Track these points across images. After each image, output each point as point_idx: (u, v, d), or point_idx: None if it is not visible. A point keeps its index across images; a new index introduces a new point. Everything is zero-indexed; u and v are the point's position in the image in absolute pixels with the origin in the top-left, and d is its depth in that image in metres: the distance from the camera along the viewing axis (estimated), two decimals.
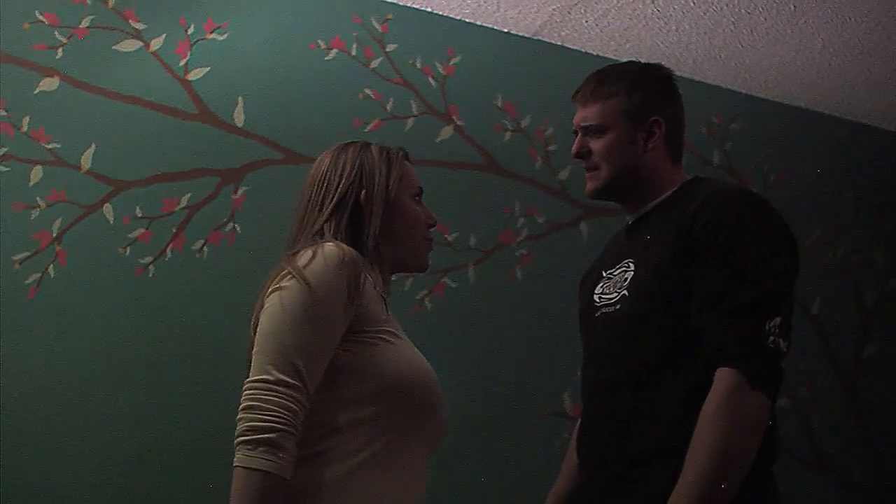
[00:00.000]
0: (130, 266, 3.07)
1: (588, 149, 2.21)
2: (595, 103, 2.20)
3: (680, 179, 2.22)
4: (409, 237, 2.01)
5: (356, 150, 2.00)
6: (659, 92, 2.23)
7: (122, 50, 3.20)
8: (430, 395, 1.87)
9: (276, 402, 1.69)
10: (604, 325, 2.17)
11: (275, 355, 1.73)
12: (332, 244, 1.83)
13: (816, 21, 3.73)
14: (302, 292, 1.76)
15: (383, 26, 3.60)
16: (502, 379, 3.53)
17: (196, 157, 3.23)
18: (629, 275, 2.13)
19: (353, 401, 1.79)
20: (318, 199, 1.96)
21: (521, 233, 3.70)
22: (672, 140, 2.22)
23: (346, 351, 1.80)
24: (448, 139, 3.63)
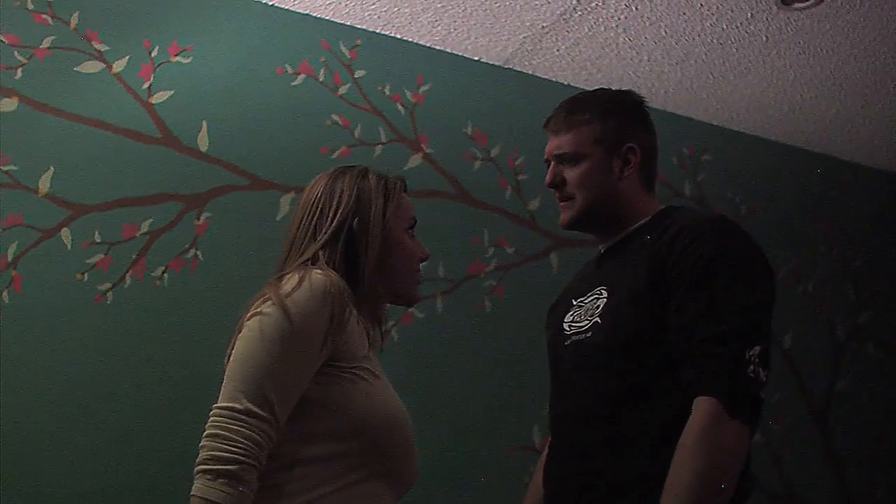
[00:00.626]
0: (88, 292, 2.97)
1: (562, 178, 2.16)
2: (568, 131, 2.16)
3: (654, 208, 2.18)
4: (401, 271, 1.95)
5: (353, 176, 1.94)
6: (633, 118, 2.20)
7: (83, 71, 3.13)
8: (400, 439, 1.81)
9: (242, 432, 1.63)
10: (574, 354, 2.11)
11: (246, 383, 1.67)
12: (321, 272, 1.77)
13: (788, 53, 3.71)
14: (282, 320, 1.70)
15: (352, 52, 3.55)
16: (470, 412, 3.45)
17: (158, 181, 3.15)
18: (602, 302, 2.08)
19: (318, 436, 1.73)
20: (309, 225, 1.90)
21: (491, 263, 3.64)
22: (646, 168, 2.19)
23: (318, 384, 1.74)
24: (417, 167, 3.57)
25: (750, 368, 1.87)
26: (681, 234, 2.00)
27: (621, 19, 3.51)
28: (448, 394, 3.43)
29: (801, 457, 4.07)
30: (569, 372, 2.13)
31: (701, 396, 1.86)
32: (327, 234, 1.87)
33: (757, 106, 4.12)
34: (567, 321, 2.17)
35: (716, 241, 1.99)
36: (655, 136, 2.23)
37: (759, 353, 1.89)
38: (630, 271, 2.05)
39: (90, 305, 2.97)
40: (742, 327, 1.90)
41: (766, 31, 3.56)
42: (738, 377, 1.87)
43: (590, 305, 2.11)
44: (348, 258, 1.86)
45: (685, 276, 1.95)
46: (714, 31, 3.58)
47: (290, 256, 1.88)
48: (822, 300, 4.35)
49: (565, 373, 2.15)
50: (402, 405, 1.84)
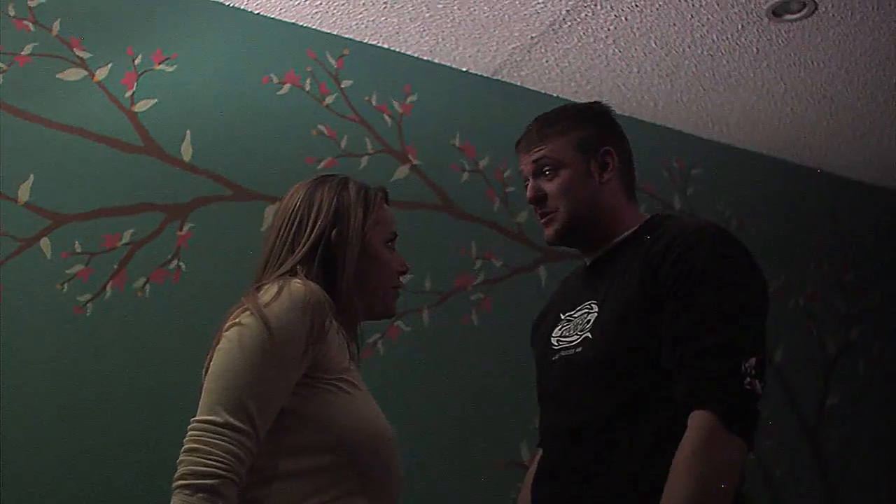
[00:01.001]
0: (68, 304, 2.91)
1: (542, 192, 2.11)
2: (544, 144, 2.12)
3: (639, 217, 2.14)
4: (379, 284, 1.91)
5: (333, 186, 1.91)
6: (605, 125, 2.17)
7: (65, 79, 3.08)
8: (383, 454, 1.77)
9: (221, 446, 1.59)
10: (563, 369, 2.06)
11: (225, 396, 1.63)
12: (300, 282, 1.73)
13: (778, 66, 3.69)
14: (261, 331, 1.66)
15: (338, 62, 3.51)
16: (457, 427, 3.40)
17: (140, 191, 3.09)
18: (592, 316, 2.03)
19: (298, 449, 1.69)
20: (288, 236, 1.86)
21: (478, 276, 3.60)
22: (625, 174, 2.15)
23: (297, 395, 1.70)
24: (404, 178, 3.53)
25: (746, 381, 1.82)
26: (672, 243, 1.96)
27: (611, 30, 3.48)
28: (435, 408, 3.37)
29: (793, 473, 4.03)
30: (557, 388, 2.08)
31: (697, 410, 1.81)
32: (305, 247, 1.83)
33: (747, 119, 4.09)
34: (555, 335, 2.12)
35: (708, 251, 1.94)
36: (628, 143, 2.20)
37: (756, 365, 1.84)
38: (621, 283, 2.01)
39: (70, 317, 2.90)
40: (738, 338, 1.85)
41: (757, 42, 3.54)
42: (734, 390, 1.81)
43: (579, 320, 2.06)
44: (326, 270, 1.83)
45: (678, 286, 1.90)
46: (704, 43, 3.55)
47: (269, 267, 1.85)
48: (812, 315, 4.32)
49: (554, 389, 2.10)
50: (382, 417, 1.80)
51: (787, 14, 3.36)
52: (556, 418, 2.08)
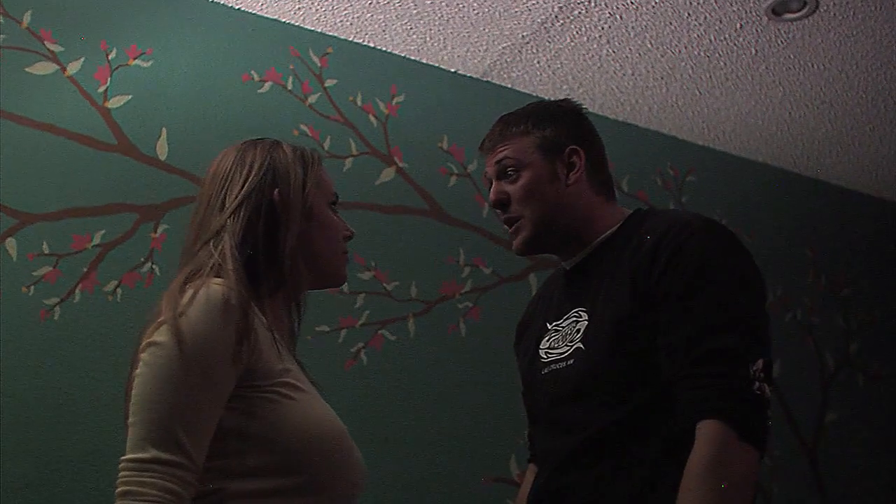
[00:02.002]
0: (34, 307, 2.76)
1: (506, 195, 1.97)
2: (505, 145, 1.99)
3: (619, 215, 2.01)
4: (327, 249, 1.75)
5: (266, 146, 1.74)
6: (572, 123, 2.02)
7: (35, 73, 2.94)
8: (339, 455, 1.60)
9: (154, 484, 1.43)
10: (554, 383, 1.92)
11: (150, 428, 1.46)
12: (219, 282, 1.55)
13: (777, 68, 3.57)
14: (179, 347, 1.48)
15: (322, 60, 3.38)
16: (444, 441, 3.25)
17: (112, 190, 2.95)
18: (582, 325, 1.89)
19: (245, 471, 1.52)
20: (217, 199, 1.67)
21: (466, 284, 3.46)
22: (596, 173, 2.00)
23: (236, 411, 1.53)
24: (389, 182, 3.40)
25: (756, 386, 1.69)
26: (662, 242, 1.82)
27: (605, 29, 3.36)
28: (420, 421, 3.23)
29: (790, 491, 3.89)
30: (549, 404, 1.93)
31: (705, 421, 1.68)
32: (237, 200, 1.65)
33: (743, 125, 3.97)
34: (543, 347, 1.98)
35: (702, 246, 1.80)
36: (600, 141, 2.05)
37: (763, 368, 1.71)
38: (610, 289, 1.87)
39: (36, 321, 2.76)
40: (743, 340, 1.71)
41: (756, 43, 3.42)
42: (744, 396, 1.68)
43: (568, 329, 1.92)
44: (267, 235, 1.66)
45: (673, 289, 1.77)
46: (701, 44, 3.43)
47: (199, 237, 1.66)
48: (810, 329, 4.19)
49: (546, 405, 1.95)
50: (332, 415, 1.63)
51: (787, 13, 3.24)
52: (550, 438, 1.94)
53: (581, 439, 1.83)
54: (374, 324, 3.25)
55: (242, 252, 1.62)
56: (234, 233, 1.63)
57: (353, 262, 3.25)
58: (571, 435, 1.85)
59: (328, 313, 3.16)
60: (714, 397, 1.68)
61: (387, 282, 3.31)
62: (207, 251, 1.62)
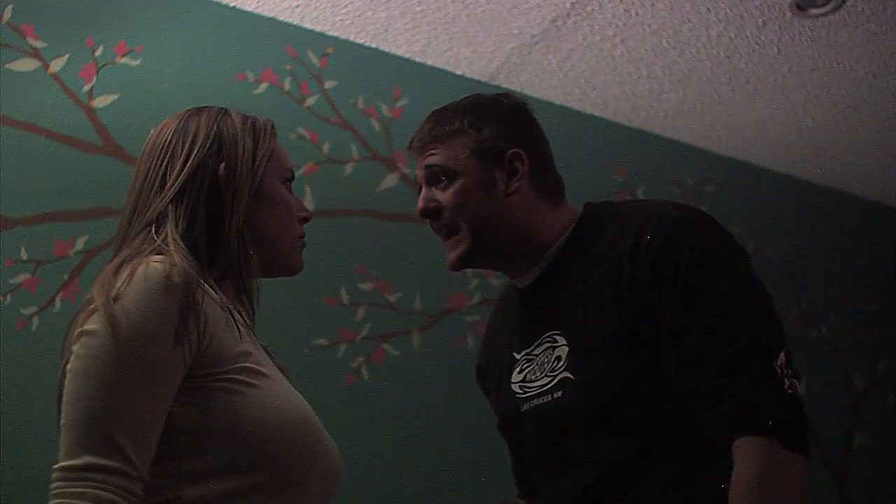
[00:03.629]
0: (10, 317, 2.58)
1: (437, 203, 1.76)
2: (436, 146, 1.78)
3: (569, 218, 1.79)
4: (280, 231, 1.55)
5: (211, 114, 1.54)
6: (513, 122, 1.80)
7: (15, 69, 2.77)
8: (306, 444, 1.40)
9: (89, 494, 1.24)
10: (543, 421, 1.71)
11: (83, 431, 1.27)
12: (158, 260, 1.34)
13: (800, 70, 3.40)
14: (112, 337, 1.28)
15: (321, 61, 3.21)
16: (450, 463, 3.06)
17: (97, 194, 2.77)
18: (562, 351, 1.67)
19: (200, 473, 1.33)
20: (157, 175, 1.47)
21: (474, 296, 3.29)
22: (542, 177, 1.79)
23: (187, 405, 1.33)
24: (392, 188, 3.22)
25: (786, 384, 1.50)
26: (640, 243, 1.61)
27: (619, 27, 3.19)
28: (425, 441, 3.04)
29: None
30: (545, 442, 1.72)
31: (744, 437, 1.49)
32: (179, 180, 1.45)
33: (764, 132, 3.80)
34: (516, 381, 1.76)
35: (689, 241, 1.60)
36: (546, 141, 1.83)
37: (786, 361, 1.52)
38: (586, 305, 1.66)
39: (11, 332, 2.57)
40: (760, 335, 1.53)
41: (778, 41, 3.24)
42: (779, 400, 1.49)
43: (544, 358, 1.71)
44: (210, 214, 1.46)
45: (669, 294, 1.57)
46: (720, 42, 3.26)
47: (135, 219, 1.46)
48: (836, 347, 4.00)
49: (536, 444, 1.75)
50: (301, 403, 1.43)
51: (812, 8, 3.07)
52: (553, 480, 1.73)
53: (597, 474, 1.63)
54: (375, 337, 3.07)
55: (187, 239, 1.43)
56: (177, 219, 1.43)
57: (354, 273, 3.08)
58: (584, 470, 1.65)
59: (326, 326, 2.99)
60: (747, 409, 1.49)
61: (389, 293, 3.13)
62: (148, 237, 1.42)
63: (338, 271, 3.04)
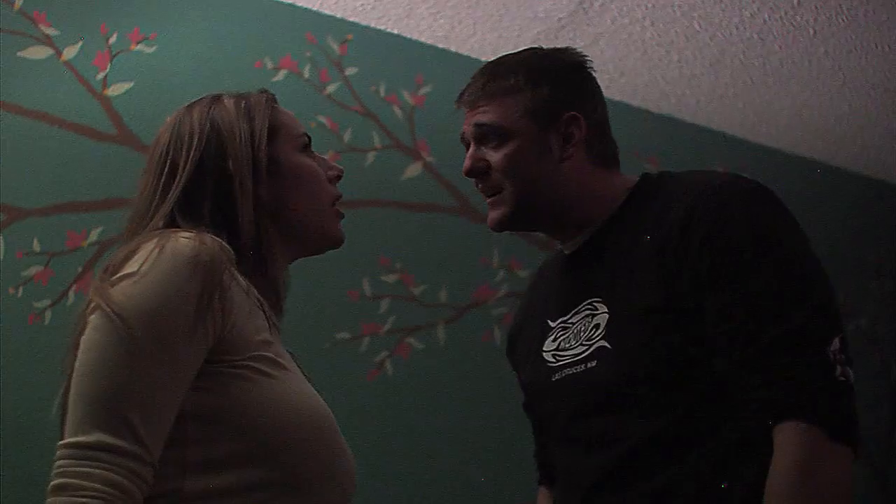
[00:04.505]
0: (22, 310, 2.53)
1: (485, 164, 1.65)
2: (489, 103, 1.66)
3: (624, 185, 1.69)
4: (310, 202, 1.45)
5: (203, 107, 1.44)
6: (572, 82, 1.70)
7: (28, 57, 2.71)
8: (327, 445, 1.32)
9: (96, 475, 1.15)
10: (573, 391, 1.61)
11: (94, 407, 1.19)
12: (187, 235, 1.27)
13: (837, 51, 3.27)
14: (134, 311, 1.21)
15: (342, 47, 3.13)
16: (478, 460, 2.99)
17: (111, 184, 2.71)
18: (601, 319, 1.58)
19: (206, 463, 1.24)
20: (157, 185, 1.38)
21: (501, 288, 3.20)
22: (597, 143, 1.68)
23: (200, 391, 1.25)
24: (416, 177, 3.14)
25: (837, 371, 1.40)
26: (695, 211, 1.51)
27: (648, 8, 3.08)
28: (451, 438, 2.97)
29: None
30: (569, 416, 1.63)
31: (786, 423, 1.39)
32: (179, 187, 1.36)
33: (798, 118, 3.68)
34: (549, 349, 1.67)
35: (747, 211, 1.51)
36: (603, 102, 1.73)
37: (841, 348, 1.42)
38: (631, 273, 1.57)
39: (23, 326, 2.53)
40: (815, 317, 1.43)
41: (814, 22, 3.13)
42: (828, 386, 1.39)
43: (582, 325, 1.61)
44: (225, 214, 1.37)
45: (719, 265, 1.47)
46: (754, 24, 3.15)
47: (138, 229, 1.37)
48: (876, 340, 3.89)
49: (561, 417, 1.65)
50: (319, 401, 1.35)
51: None
52: (576, 455, 1.63)
53: (619, 455, 1.53)
54: (399, 331, 3.01)
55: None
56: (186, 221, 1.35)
57: (377, 265, 3.00)
58: (606, 450, 1.55)
59: (349, 319, 2.92)
60: (793, 393, 1.40)
61: (414, 285, 3.05)
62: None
63: (360, 263, 2.97)
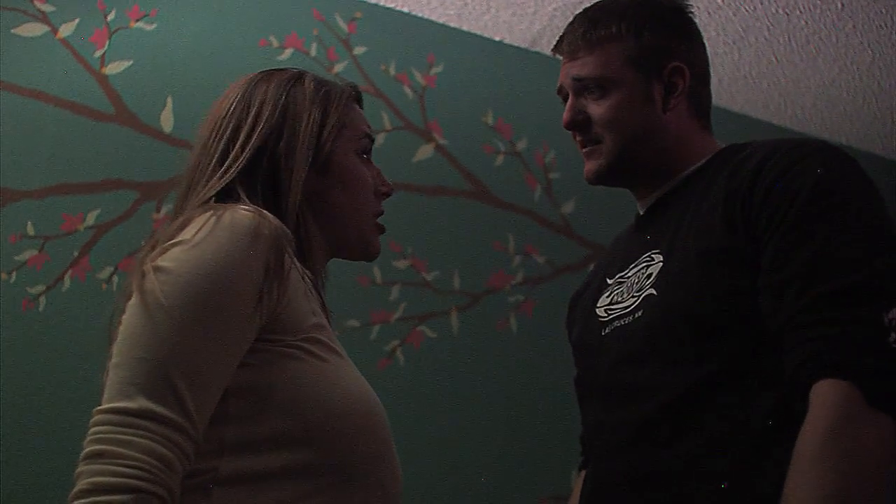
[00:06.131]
0: (15, 295, 2.41)
1: (585, 116, 1.58)
2: (590, 51, 1.59)
3: (711, 146, 1.62)
4: (353, 209, 1.40)
5: (283, 81, 1.39)
6: (675, 29, 1.62)
7: (23, 34, 2.60)
8: (376, 438, 1.25)
9: (139, 444, 1.07)
10: (618, 344, 1.52)
11: (142, 371, 1.11)
12: (248, 208, 1.22)
13: (866, 26, 3.14)
14: (193, 275, 1.14)
15: (350, 25, 3.01)
16: (492, 452, 2.87)
17: (109, 165, 2.60)
18: (655, 268, 1.50)
19: (248, 443, 1.17)
20: (216, 150, 1.34)
21: (517, 275, 3.07)
22: (698, 95, 1.62)
23: (247, 367, 1.18)
24: (427, 159, 3.01)
25: (892, 338, 1.28)
26: (766, 163, 1.42)
27: None
28: (464, 429, 2.85)
29: None
30: (611, 371, 1.53)
31: (824, 381, 1.28)
32: (242, 161, 1.32)
33: (826, 99, 3.54)
34: (602, 305, 1.60)
35: (821, 164, 1.40)
36: (706, 52, 1.66)
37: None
38: (695, 222, 1.48)
39: (17, 312, 2.41)
40: (874, 279, 1.31)
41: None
42: (876, 350, 1.27)
43: (637, 277, 1.54)
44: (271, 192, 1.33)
45: (782, 215, 1.37)
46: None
47: (191, 194, 1.33)
48: None
49: (606, 373, 1.55)
50: (373, 393, 1.29)
51: None
52: (610, 412, 1.53)
53: (654, 407, 1.43)
54: (411, 318, 2.88)
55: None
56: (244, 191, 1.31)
57: (388, 250, 2.87)
58: (639, 404, 1.45)
59: (358, 306, 2.80)
60: (837, 351, 1.28)
61: (426, 271, 2.93)
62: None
63: None
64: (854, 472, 1.23)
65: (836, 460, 1.24)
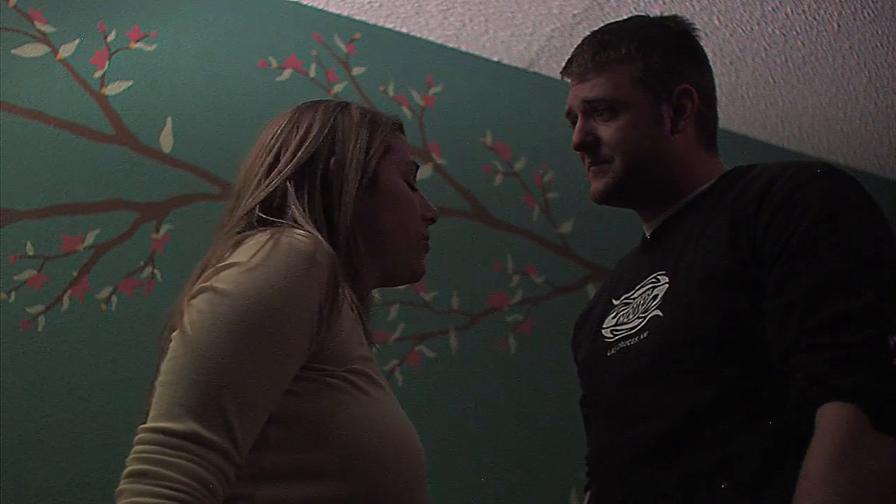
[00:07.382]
0: (14, 316, 2.41)
1: (595, 137, 1.60)
2: (599, 73, 1.61)
3: (717, 169, 1.63)
4: (400, 229, 1.41)
5: (329, 109, 1.42)
6: (684, 51, 1.65)
7: (23, 55, 2.61)
8: (409, 476, 1.26)
9: (184, 467, 1.08)
10: (624, 365, 1.53)
11: (191, 394, 1.11)
12: (302, 233, 1.22)
13: (863, 46, 3.16)
14: (248, 299, 1.15)
15: (349, 46, 3.02)
16: (491, 472, 2.86)
17: (109, 185, 2.61)
18: (661, 290, 1.51)
19: (284, 471, 1.17)
20: (262, 164, 1.36)
21: (516, 295, 3.07)
22: (705, 117, 1.63)
23: (289, 393, 1.18)
24: (426, 179, 3.01)
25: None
26: (772, 186, 1.44)
27: (666, 3, 2.98)
28: (463, 450, 2.84)
29: None
30: (616, 392, 1.54)
31: (830, 403, 1.29)
32: (290, 166, 1.34)
33: (823, 119, 3.55)
34: (608, 325, 1.61)
35: (826, 188, 1.42)
36: (711, 71, 1.68)
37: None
38: (701, 244, 1.49)
39: (16, 332, 2.41)
40: (880, 302, 1.33)
41: (839, 16, 3.01)
42: (882, 373, 1.29)
43: (642, 298, 1.55)
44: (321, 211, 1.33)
45: (787, 238, 1.39)
46: (776, 19, 3.03)
47: (237, 208, 1.35)
48: None
49: (613, 393, 1.56)
50: (413, 430, 1.30)
51: None
52: (615, 433, 1.53)
53: (658, 429, 1.43)
54: (410, 338, 2.88)
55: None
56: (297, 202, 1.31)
57: None
58: (644, 424, 1.46)
59: None
60: (842, 373, 1.29)
61: (424, 291, 2.93)
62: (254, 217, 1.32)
63: None
64: (861, 495, 1.24)
65: (843, 483, 1.24)
